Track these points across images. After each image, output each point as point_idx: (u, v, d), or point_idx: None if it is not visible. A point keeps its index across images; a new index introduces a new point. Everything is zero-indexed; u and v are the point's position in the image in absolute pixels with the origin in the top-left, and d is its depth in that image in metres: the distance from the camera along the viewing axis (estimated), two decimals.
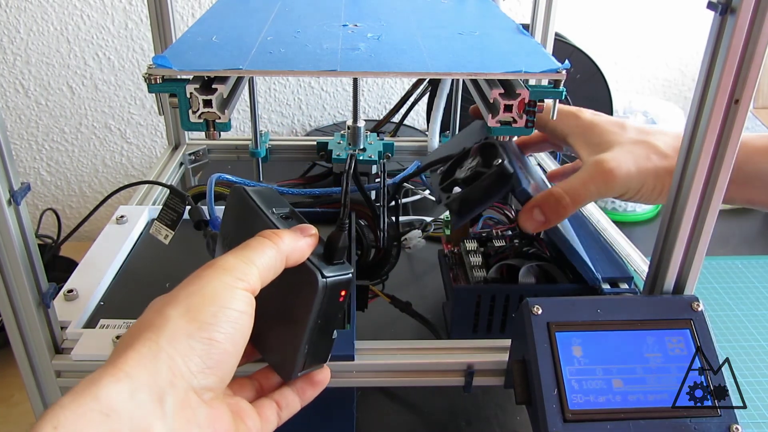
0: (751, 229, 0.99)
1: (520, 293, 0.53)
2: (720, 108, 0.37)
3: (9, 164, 0.39)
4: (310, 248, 0.36)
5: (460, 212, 0.48)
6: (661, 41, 1.27)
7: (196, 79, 0.43)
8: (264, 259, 0.34)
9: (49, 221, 0.93)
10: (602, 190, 0.46)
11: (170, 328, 0.30)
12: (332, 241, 0.37)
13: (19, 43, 1.15)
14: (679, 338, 0.41)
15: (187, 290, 0.32)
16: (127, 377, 0.28)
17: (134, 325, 0.32)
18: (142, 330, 0.31)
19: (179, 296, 0.32)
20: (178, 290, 0.32)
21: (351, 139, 0.81)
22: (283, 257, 0.35)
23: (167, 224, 0.55)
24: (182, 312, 0.31)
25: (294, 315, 0.36)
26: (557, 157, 0.87)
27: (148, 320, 0.31)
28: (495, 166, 0.46)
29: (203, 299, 0.31)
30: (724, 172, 0.39)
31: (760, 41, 0.35)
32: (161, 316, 0.31)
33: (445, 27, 0.53)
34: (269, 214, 0.38)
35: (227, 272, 0.33)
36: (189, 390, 0.30)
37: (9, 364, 0.74)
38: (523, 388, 0.41)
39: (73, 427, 0.26)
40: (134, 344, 0.30)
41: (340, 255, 0.37)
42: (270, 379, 0.39)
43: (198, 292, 0.32)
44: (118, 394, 0.27)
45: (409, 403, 0.60)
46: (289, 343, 0.37)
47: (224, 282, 0.32)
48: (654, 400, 0.39)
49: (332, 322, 0.37)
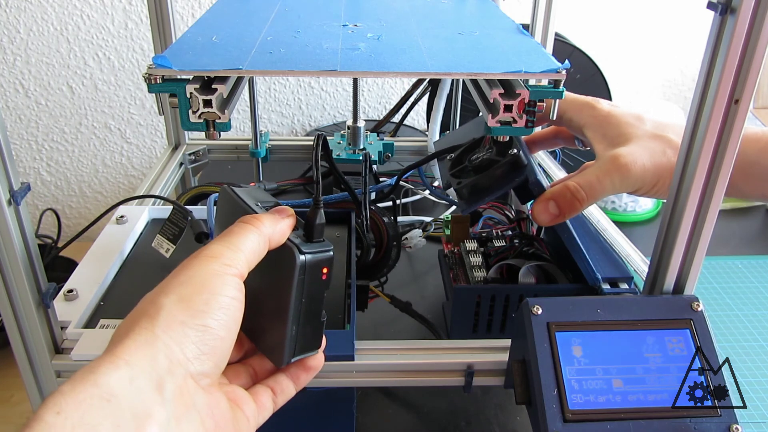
0: (751, 229, 0.99)
1: (520, 293, 0.53)
2: (720, 108, 0.37)
3: (9, 164, 0.39)
4: (289, 228, 0.37)
5: (470, 199, 0.48)
6: (661, 41, 1.27)
7: (196, 79, 0.43)
8: (248, 243, 0.35)
9: (49, 221, 0.93)
10: (617, 185, 0.46)
11: (164, 317, 0.31)
12: (309, 219, 0.37)
13: (19, 43, 1.15)
14: (679, 338, 0.41)
15: (178, 279, 0.33)
16: (126, 364, 0.28)
17: (128, 316, 0.32)
18: (136, 320, 0.31)
19: (170, 285, 0.32)
20: (169, 280, 0.33)
21: (351, 139, 0.81)
22: (265, 239, 0.35)
23: (169, 238, 0.57)
24: (175, 300, 0.31)
25: (278, 298, 0.37)
26: (557, 157, 0.87)
27: (142, 310, 0.32)
28: (510, 155, 0.46)
29: (194, 287, 0.32)
30: (724, 172, 0.39)
31: (760, 41, 0.35)
32: (154, 306, 0.31)
33: (445, 27, 0.53)
34: (252, 205, 0.39)
35: (215, 259, 0.33)
36: (187, 376, 0.31)
37: (9, 364, 0.74)
38: (523, 388, 0.41)
39: (76, 412, 0.26)
40: (130, 333, 0.30)
41: (318, 233, 0.37)
42: (264, 366, 0.39)
43: (188, 281, 0.32)
44: (118, 381, 0.28)
45: (409, 403, 0.60)
46: (277, 328, 0.37)
47: (213, 269, 0.33)
48: (654, 400, 0.39)
49: (317, 303, 0.37)
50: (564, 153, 0.92)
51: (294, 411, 0.39)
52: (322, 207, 0.38)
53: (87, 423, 0.26)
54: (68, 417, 0.26)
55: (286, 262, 0.36)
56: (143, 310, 0.32)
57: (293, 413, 0.40)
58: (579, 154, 0.93)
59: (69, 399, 0.26)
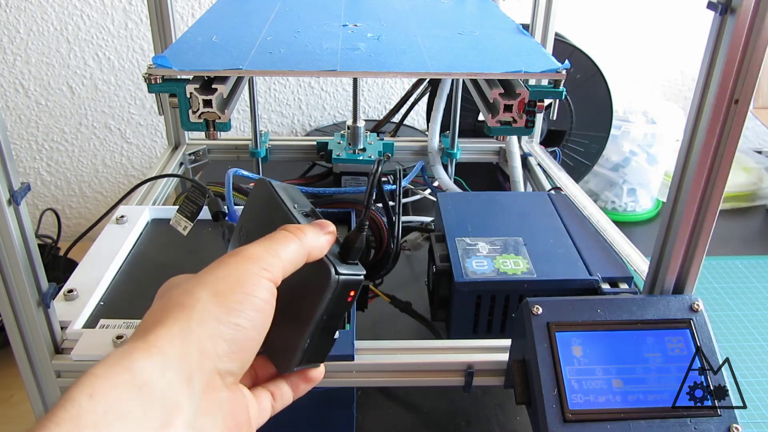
0: (751, 229, 0.99)
1: (520, 293, 0.53)
2: (720, 108, 0.37)
3: (9, 164, 0.39)
4: (329, 244, 0.37)
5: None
6: (661, 41, 1.27)
7: (196, 79, 0.43)
8: (288, 252, 0.35)
9: (49, 221, 0.93)
10: None
11: (199, 311, 0.31)
12: (349, 241, 0.37)
13: (19, 43, 1.15)
14: (679, 338, 0.41)
15: (215, 275, 0.33)
16: (159, 353, 0.29)
17: (160, 303, 0.32)
18: (171, 308, 0.31)
19: (207, 279, 0.32)
20: (205, 273, 0.33)
21: (351, 139, 0.81)
22: (305, 252, 0.35)
23: (187, 216, 0.56)
24: (210, 295, 0.31)
25: (302, 309, 0.37)
26: (557, 157, 0.87)
27: (176, 299, 0.32)
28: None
29: (230, 285, 0.32)
30: (723, 172, 0.39)
31: (760, 41, 0.35)
32: (191, 297, 0.31)
33: (445, 27, 0.53)
34: (292, 208, 0.38)
35: (253, 261, 0.33)
36: (214, 372, 0.31)
37: (9, 364, 0.74)
38: (523, 388, 0.41)
39: (107, 396, 0.26)
40: (165, 321, 0.30)
41: (354, 255, 0.38)
42: (265, 369, 0.39)
43: (225, 277, 0.32)
44: (151, 369, 0.28)
45: (409, 403, 0.60)
46: (292, 337, 0.37)
47: (250, 270, 0.33)
48: (654, 400, 0.39)
49: (336, 321, 0.38)
50: (564, 153, 0.92)
51: (294, 411, 0.39)
52: (365, 232, 0.38)
53: (118, 409, 0.26)
54: (100, 401, 0.26)
55: (320, 277, 0.36)
56: (178, 300, 0.31)
57: (293, 413, 0.40)
58: (579, 154, 0.93)
59: (103, 382, 0.26)
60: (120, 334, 0.47)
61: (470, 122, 0.93)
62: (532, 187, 0.84)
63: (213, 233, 0.62)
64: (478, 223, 0.59)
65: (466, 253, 0.55)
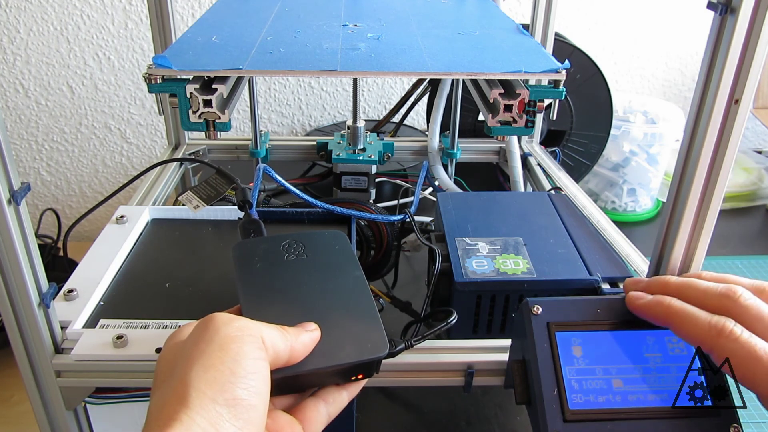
0: (751, 229, 0.99)
1: (520, 293, 0.53)
2: (720, 108, 0.37)
3: (9, 164, 0.39)
4: (313, 342, 0.37)
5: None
6: (660, 41, 1.27)
7: (196, 79, 0.43)
8: (268, 330, 0.35)
9: (49, 221, 0.93)
10: None
11: (195, 397, 0.30)
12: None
13: (19, 43, 1.15)
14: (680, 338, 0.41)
15: (199, 348, 0.32)
16: None
17: (160, 390, 0.32)
18: (168, 400, 0.31)
19: (192, 355, 0.32)
20: (190, 348, 0.33)
21: (351, 139, 0.81)
22: (288, 345, 0.35)
23: (202, 198, 0.56)
24: (201, 372, 0.31)
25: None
26: (557, 157, 0.87)
27: (172, 389, 0.31)
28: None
29: (217, 356, 0.32)
30: (724, 172, 0.39)
31: (760, 41, 0.35)
32: (182, 384, 0.31)
33: (445, 27, 0.53)
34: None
35: (226, 324, 0.33)
36: None
37: (9, 364, 0.74)
38: (523, 388, 0.41)
39: None
40: (169, 422, 0.30)
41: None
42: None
43: (207, 349, 0.32)
44: None
45: (409, 403, 0.60)
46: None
47: (228, 334, 0.33)
48: (654, 400, 0.39)
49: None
50: (564, 153, 0.92)
51: None
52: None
53: None
54: None
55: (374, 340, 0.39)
56: (174, 390, 0.31)
57: None
58: (579, 154, 0.93)
59: None
60: (120, 334, 0.46)
61: (470, 122, 0.93)
62: (532, 187, 0.84)
63: (213, 233, 0.62)
64: (478, 223, 0.59)
65: (466, 253, 0.55)
